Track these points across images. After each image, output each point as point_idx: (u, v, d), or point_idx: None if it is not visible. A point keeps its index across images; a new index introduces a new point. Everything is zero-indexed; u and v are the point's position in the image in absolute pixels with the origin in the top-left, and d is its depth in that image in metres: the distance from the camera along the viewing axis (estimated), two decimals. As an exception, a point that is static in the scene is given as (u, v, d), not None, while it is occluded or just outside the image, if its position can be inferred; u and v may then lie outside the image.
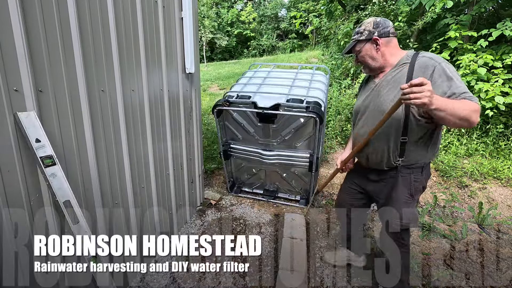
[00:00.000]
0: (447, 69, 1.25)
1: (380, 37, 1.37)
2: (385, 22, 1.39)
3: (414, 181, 1.47)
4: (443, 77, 1.24)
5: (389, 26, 1.38)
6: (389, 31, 1.38)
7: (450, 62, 1.39)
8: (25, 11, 1.05)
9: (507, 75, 3.72)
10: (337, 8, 7.20)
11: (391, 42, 1.39)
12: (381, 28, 1.37)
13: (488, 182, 3.31)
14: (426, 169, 1.50)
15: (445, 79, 1.24)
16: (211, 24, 17.37)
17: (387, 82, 1.39)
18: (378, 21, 1.39)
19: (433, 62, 1.27)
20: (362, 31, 1.41)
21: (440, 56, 1.38)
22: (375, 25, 1.38)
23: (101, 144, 1.51)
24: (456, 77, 1.24)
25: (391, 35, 1.38)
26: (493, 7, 4.77)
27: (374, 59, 1.41)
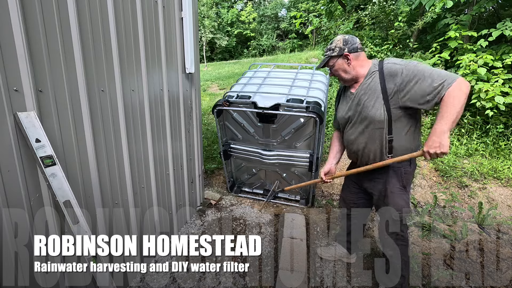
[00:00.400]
0: (414, 68, 1.37)
1: (350, 52, 1.53)
2: (352, 39, 1.55)
3: (405, 173, 1.60)
4: (415, 78, 1.36)
5: (356, 42, 1.54)
6: (357, 46, 1.54)
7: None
8: (25, 11, 1.05)
9: (507, 75, 3.72)
10: (337, 8, 7.20)
11: (360, 55, 1.55)
12: (350, 44, 1.53)
13: (488, 182, 3.30)
14: (413, 161, 1.64)
15: (419, 79, 1.35)
16: (211, 24, 17.36)
17: (364, 91, 1.53)
18: (346, 38, 1.55)
19: (398, 67, 1.41)
20: (334, 48, 1.55)
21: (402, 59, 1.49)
22: (344, 42, 1.53)
23: (101, 144, 1.51)
24: (426, 71, 1.34)
25: (359, 50, 1.54)
26: (493, 7, 4.77)
27: (347, 72, 1.57)
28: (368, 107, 1.50)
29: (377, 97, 1.47)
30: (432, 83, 1.32)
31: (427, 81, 1.34)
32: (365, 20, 5.94)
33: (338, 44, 1.54)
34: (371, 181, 1.73)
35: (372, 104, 1.49)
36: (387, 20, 5.81)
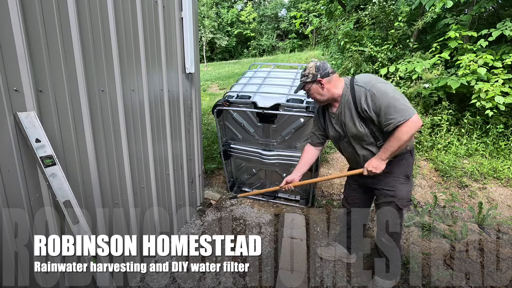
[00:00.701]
0: (377, 94, 1.48)
1: (322, 77, 1.63)
2: (323, 64, 1.66)
3: (407, 164, 1.70)
4: (377, 105, 1.49)
5: (327, 67, 1.65)
6: (328, 71, 1.64)
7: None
8: (25, 11, 1.05)
9: (507, 75, 3.72)
10: (337, 8, 7.19)
11: (332, 78, 1.65)
12: (322, 70, 1.64)
13: (488, 182, 3.30)
14: (413, 152, 1.75)
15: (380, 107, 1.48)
16: (211, 24, 17.37)
17: (343, 111, 1.66)
18: (318, 65, 1.66)
19: (363, 91, 1.53)
20: (307, 74, 1.67)
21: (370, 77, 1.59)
22: (316, 69, 1.65)
23: (101, 144, 1.51)
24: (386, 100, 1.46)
25: (330, 74, 1.64)
26: (493, 7, 4.77)
27: (322, 95, 1.68)
28: (351, 127, 1.64)
29: (354, 117, 1.61)
30: (389, 115, 1.47)
31: (387, 111, 1.47)
32: (365, 20, 5.94)
33: (311, 71, 1.66)
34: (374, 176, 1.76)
35: (353, 124, 1.62)
36: (387, 20, 5.80)
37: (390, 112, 1.46)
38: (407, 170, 1.70)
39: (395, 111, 1.44)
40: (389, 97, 1.46)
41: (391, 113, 1.45)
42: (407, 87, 4.57)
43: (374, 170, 1.59)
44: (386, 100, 1.46)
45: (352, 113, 1.60)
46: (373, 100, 1.49)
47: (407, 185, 1.72)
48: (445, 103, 4.17)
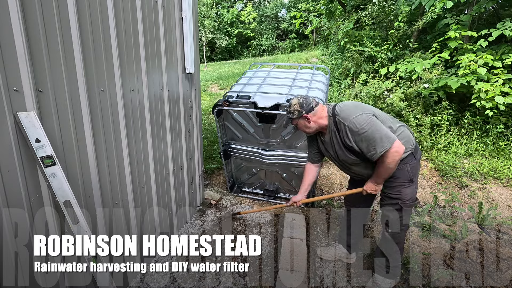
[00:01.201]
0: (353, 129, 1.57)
1: (307, 113, 1.70)
2: (306, 100, 1.72)
3: (411, 168, 1.72)
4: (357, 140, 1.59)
5: (310, 103, 1.71)
6: (312, 106, 1.70)
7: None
8: (25, 11, 1.05)
9: (507, 75, 3.72)
10: (337, 8, 7.20)
11: (317, 111, 1.71)
12: (306, 106, 1.70)
13: (488, 182, 3.30)
14: (417, 152, 1.76)
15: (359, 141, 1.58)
16: (211, 24, 17.36)
17: (331, 140, 1.75)
18: (301, 101, 1.72)
19: (342, 126, 1.62)
20: (293, 111, 1.73)
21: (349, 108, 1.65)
22: (300, 106, 1.71)
23: (101, 144, 1.51)
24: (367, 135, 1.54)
25: (314, 108, 1.71)
26: (493, 7, 4.78)
27: (309, 127, 1.76)
28: (341, 154, 1.73)
29: (341, 146, 1.70)
30: (371, 146, 1.55)
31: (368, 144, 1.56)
32: (365, 20, 5.94)
33: (295, 108, 1.72)
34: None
35: (342, 152, 1.71)
36: (387, 20, 5.81)
37: (371, 145, 1.55)
38: (411, 174, 1.72)
39: (375, 143, 1.53)
40: (367, 131, 1.54)
41: (372, 145, 1.54)
42: (407, 87, 4.57)
43: (374, 192, 1.74)
44: (365, 135, 1.55)
45: (339, 143, 1.69)
46: (353, 135, 1.59)
47: (411, 187, 1.75)
48: (445, 103, 4.17)
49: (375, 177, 1.70)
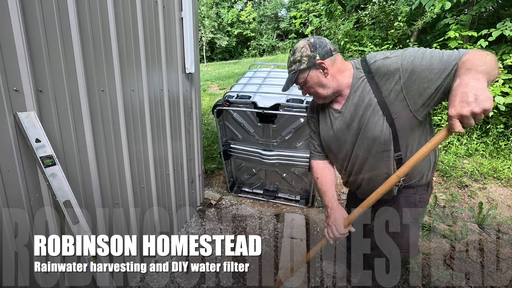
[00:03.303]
0: (415, 52, 1.03)
1: (323, 59, 1.12)
2: (321, 40, 1.15)
3: (420, 201, 1.24)
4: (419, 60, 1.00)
5: (327, 43, 1.15)
6: (330, 48, 1.14)
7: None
8: (25, 11, 1.05)
9: (507, 75, 3.72)
10: (337, 8, 7.20)
11: (336, 59, 1.14)
12: (321, 48, 1.12)
13: (488, 182, 3.30)
14: (430, 185, 1.29)
15: (423, 58, 0.99)
16: (211, 24, 17.37)
17: (356, 105, 1.15)
18: (313, 42, 1.14)
19: (392, 61, 1.05)
20: (299, 59, 1.14)
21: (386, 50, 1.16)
22: (312, 47, 1.12)
23: (101, 144, 1.51)
24: (431, 50, 1.01)
25: (333, 53, 1.14)
26: (493, 7, 4.77)
27: (325, 86, 1.15)
28: (367, 125, 1.13)
29: (372, 109, 1.10)
30: (442, 58, 0.97)
31: (433, 56, 0.99)
32: (365, 20, 5.95)
33: (304, 52, 1.13)
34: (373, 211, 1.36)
35: (370, 120, 1.12)
36: (387, 20, 5.81)
37: (446, 54, 0.98)
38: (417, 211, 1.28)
39: (451, 52, 0.97)
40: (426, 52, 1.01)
41: (447, 54, 0.97)
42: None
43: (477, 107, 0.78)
44: (433, 51, 1.00)
45: (372, 105, 1.09)
46: (409, 67, 1.01)
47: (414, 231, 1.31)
48: (445, 103, 4.17)
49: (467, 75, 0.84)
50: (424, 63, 0.99)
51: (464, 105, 0.79)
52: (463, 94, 0.80)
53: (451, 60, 0.95)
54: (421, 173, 1.21)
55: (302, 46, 1.15)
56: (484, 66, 0.85)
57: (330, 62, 1.13)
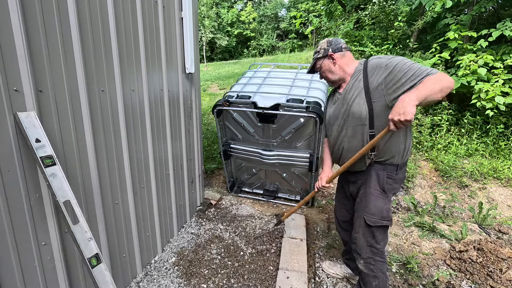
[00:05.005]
0: (396, 61, 1.35)
1: (334, 52, 1.54)
2: (337, 40, 1.57)
3: (388, 177, 1.51)
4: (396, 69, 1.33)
5: (341, 42, 1.56)
6: (342, 46, 1.55)
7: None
8: (25, 11, 1.05)
9: (507, 75, 3.72)
10: (337, 8, 7.20)
11: (345, 55, 1.55)
12: (334, 45, 1.55)
13: (488, 182, 3.30)
14: (402, 170, 1.54)
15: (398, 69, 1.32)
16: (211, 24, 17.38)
17: (349, 89, 1.52)
18: (330, 40, 1.58)
19: (381, 60, 1.41)
20: (319, 50, 1.59)
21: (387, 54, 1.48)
22: (328, 43, 1.57)
23: (101, 144, 1.51)
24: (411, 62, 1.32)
25: (343, 50, 1.55)
26: (493, 7, 4.77)
27: (333, 72, 1.57)
28: (351, 103, 1.49)
29: (359, 92, 1.46)
30: (414, 69, 1.29)
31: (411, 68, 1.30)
32: (365, 20, 5.95)
33: (322, 46, 1.58)
34: (355, 183, 1.65)
35: (354, 99, 1.47)
36: (387, 20, 5.81)
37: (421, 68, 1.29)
38: (384, 184, 1.51)
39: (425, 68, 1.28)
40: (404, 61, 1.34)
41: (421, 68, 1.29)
42: (407, 87, 4.56)
43: (404, 117, 1.18)
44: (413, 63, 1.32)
45: (359, 89, 1.46)
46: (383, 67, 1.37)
47: (383, 199, 1.51)
48: (445, 103, 4.17)
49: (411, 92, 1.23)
50: (403, 68, 1.32)
51: (395, 114, 1.21)
52: (397, 107, 1.21)
53: (422, 74, 1.27)
54: (390, 154, 1.48)
55: (323, 42, 1.60)
56: (427, 90, 1.20)
57: (339, 55, 1.55)
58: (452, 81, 1.24)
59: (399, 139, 1.47)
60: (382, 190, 1.52)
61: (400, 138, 1.47)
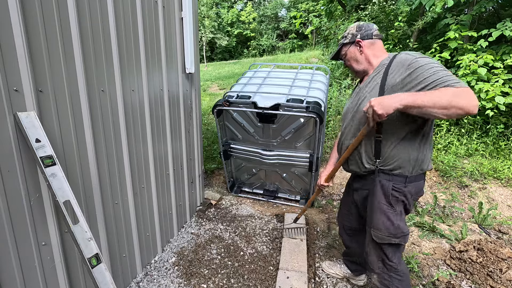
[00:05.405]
0: (422, 62, 1.17)
1: (362, 39, 1.37)
2: (368, 25, 1.40)
3: (393, 189, 1.33)
4: (418, 71, 1.16)
5: (372, 28, 1.38)
6: (372, 33, 1.37)
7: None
8: (25, 11, 1.05)
9: (507, 75, 3.72)
10: (337, 8, 7.20)
11: (375, 44, 1.38)
12: (364, 31, 1.38)
13: (488, 182, 3.30)
14: (413, 184, 1.34)
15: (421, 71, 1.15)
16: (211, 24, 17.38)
17: (367, 84, 1.36)
18: (361, 24, 1.40)
19: (408, 58, 1.22)
20: (346, 35, 1.43)
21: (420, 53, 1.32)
22: (358, 28, 1.40)
23: (101, 144, 1.51)
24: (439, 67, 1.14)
25: (374, 37, 1.37)
26: (493, 7, 4.77)
27: (358, 61, 1.41)
28: (362, 100, 1.35)
29: (374, 89, 1.29)
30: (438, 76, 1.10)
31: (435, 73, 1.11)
32: (365, 20, 5.95)
33: (351, 30, 1.41)
34: (359, 191, 1.55)
35: (366, 96, 1.33)
36: (387, 20, 5.81)
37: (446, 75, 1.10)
38: (390, 196, 1.33)
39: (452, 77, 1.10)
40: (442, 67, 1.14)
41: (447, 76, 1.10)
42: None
43: (377, 109, 1.12)
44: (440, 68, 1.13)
45: (374, 86, 1.30)
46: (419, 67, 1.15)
47: (390, 213, 1.35)
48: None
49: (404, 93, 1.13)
50: (426, 72, 1.13)
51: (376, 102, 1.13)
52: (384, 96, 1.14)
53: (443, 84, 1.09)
54: (397, 163, 1.32)
55: (352, 26, 1.42)
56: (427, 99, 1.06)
57: (368, 43, 1.37)
58: (472, 105, 1.03)
59: (409, 147, 1.29)
60: (388, 204, 1.35)
61: (411, 146, 1.29)
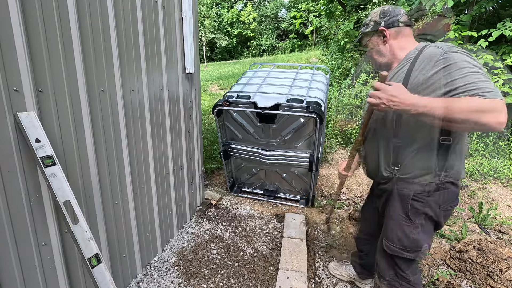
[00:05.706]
0: (453, 59, 1.00)
1: (387, 27, 1.18)
2: (394, 10, 1.20)
3: (414, 199, 1.20)
4: (445, 70, 1.00)
5: (399, 14, 1.18)
6: (399, 19, 1.18)
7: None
8: (25, 11, 1.05)
9: (507, 75, 3.72)
10: (337, 8, 7.20)
11: (402, 32, 1.19)
12: (389, 17, 1.18)
13: (488, 182, 3.30)
14: (439, 193, 1.17)
15: (448, 71, 1.00)
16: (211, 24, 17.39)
17: (389, 79, 1.19)
18: (386, 9, 1.21)
19: (437, 52, 1.04)
20: (368, 23, 1.25)
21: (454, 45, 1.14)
22: (382, 14, 1.20)
23: (101, 144, 1.51)
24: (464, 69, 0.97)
25: (401, 24, 1.17)
26: (493, 7, 4.77)
27: (381, 54, 1.23)
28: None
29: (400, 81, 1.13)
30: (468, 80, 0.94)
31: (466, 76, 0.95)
32: (365, 20, 5.95)
33: (373, 17, 1.22)
34: (380, 197, 1.43)
35: None
36: (387, 20, 5.80)
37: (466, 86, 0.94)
38: (408, 208, 1.21)
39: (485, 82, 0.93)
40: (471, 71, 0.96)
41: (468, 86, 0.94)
42: (407, 87, 4.57)
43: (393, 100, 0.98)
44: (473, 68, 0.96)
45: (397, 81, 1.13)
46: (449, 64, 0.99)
47: (403, 226, 1.23)
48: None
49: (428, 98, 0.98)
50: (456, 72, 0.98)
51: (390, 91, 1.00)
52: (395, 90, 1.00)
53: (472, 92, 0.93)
54: (418, 171, 1.17)
55: (375, 12, 1.23)
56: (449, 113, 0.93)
57: (393, 32, 1.18)
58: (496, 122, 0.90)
59: (432, 153, 1.14)
60: (405, 215, 1.22)
61: (435, 152, 1.13)
